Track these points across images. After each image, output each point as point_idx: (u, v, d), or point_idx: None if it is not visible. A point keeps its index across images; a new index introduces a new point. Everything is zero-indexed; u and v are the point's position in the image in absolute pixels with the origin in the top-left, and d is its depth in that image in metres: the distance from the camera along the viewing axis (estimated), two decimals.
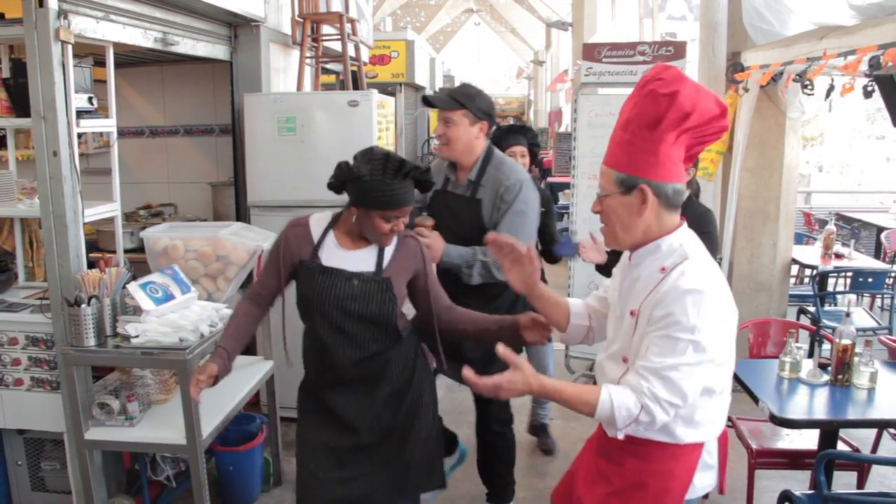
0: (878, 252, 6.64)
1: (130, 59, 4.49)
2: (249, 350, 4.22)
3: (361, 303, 2.11)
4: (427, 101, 2.75)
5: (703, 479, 1.73)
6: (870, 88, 3.82)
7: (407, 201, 2.07)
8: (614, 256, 2.93)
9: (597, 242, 2.74)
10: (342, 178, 2.09)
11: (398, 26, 19.07)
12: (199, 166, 4.95)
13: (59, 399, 2.94)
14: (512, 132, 3.58)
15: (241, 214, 4.43)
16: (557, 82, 17.86)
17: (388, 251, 2.19)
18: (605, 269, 2.80)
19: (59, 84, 2.67)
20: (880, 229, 6.60)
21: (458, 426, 3.78)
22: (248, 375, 3.19)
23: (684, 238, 1.66)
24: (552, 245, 3.62)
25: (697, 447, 1.70)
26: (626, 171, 1.61)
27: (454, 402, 4.42)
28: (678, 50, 4.30)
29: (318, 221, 2.24)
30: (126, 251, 3.84)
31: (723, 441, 1.78)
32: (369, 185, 2.03)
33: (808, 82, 3.85)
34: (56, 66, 2.64)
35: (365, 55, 5.60)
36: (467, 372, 1.64)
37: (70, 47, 2.73)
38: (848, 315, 2.75)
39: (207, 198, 4.86)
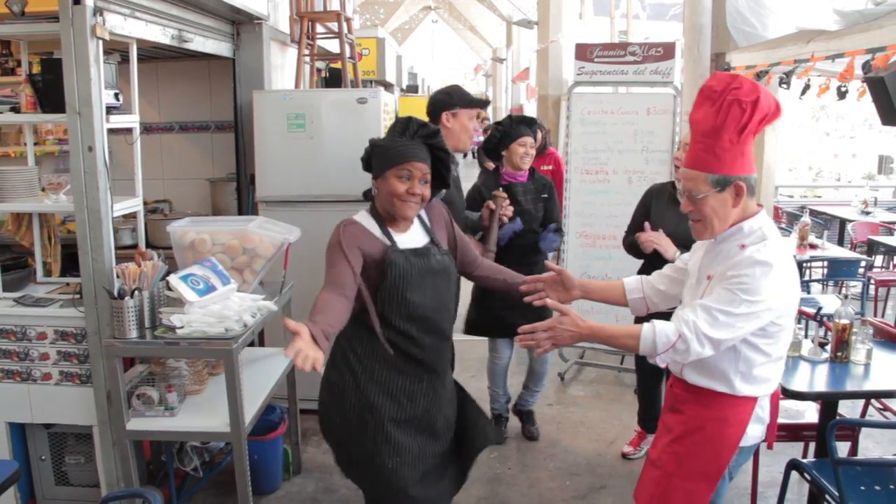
0: (840, 242, 7.02)
1: (127, 55, 4.48)
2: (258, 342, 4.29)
3: (445, 276, 2.24)
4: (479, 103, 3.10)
5: (755, 430, 1.97)
6: (843, 89, 4.10)
7: (414, 156, 2.15)
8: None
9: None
10: (367, 159, 2.26)
11: (360, 24, 19.04)
12: (194, 163, 4.94)
13: (89, 393, 2.97)
14: (524, 123, 3.59)
15: (244, 210, 4.48)
16: (519, 79, 18.14)
17: (427, 222, 2.32)
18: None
19: (95, 80, 2.71)
20: (843, 221, 6.98)
21: None
22: (274, 366, 3.26)
23: (763, 221, 1.89)
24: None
25: (752, 400, 1.93)
26: (719, 171, 1.82)
27: None
28: (667, 51, 4.50)
29: (364, 218, 2.26)
30: (126, 247, 3.86)
31: (774, 400, 2.01)
32: (382, 147, 2.20)
33: (787, 80, 4.10)
34: (92, 62, 2.68)
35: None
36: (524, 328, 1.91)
37: (101, 44, 2.76)
38: (846, 297, 2.98)
39: (203, 194, 4.87)
